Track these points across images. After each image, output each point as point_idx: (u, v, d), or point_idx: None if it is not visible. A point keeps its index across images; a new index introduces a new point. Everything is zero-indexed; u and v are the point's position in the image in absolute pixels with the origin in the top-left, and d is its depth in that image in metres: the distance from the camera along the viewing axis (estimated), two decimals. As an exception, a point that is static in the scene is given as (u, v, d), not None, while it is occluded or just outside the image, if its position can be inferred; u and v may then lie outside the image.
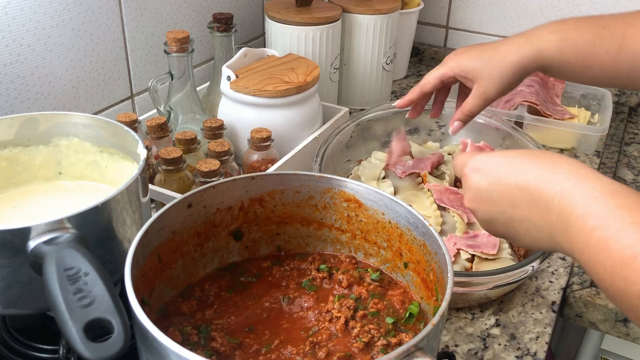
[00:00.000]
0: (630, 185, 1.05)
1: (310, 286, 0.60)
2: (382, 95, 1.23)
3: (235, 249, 0.63)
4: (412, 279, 0.59)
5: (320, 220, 0.64)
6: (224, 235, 0.61)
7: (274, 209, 0.62)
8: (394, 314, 0.57)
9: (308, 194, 0.62)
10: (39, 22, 0.82)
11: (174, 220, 0.55)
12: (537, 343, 0.70)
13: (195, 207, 0.57)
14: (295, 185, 0.61)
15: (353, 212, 0.62)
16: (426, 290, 0.57)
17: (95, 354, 0.41)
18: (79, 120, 0.69)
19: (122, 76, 0.98)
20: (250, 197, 0.61)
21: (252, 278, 0.61)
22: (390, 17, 1.16)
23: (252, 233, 0.63)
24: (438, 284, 0.53)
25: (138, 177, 0.59)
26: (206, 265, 0.61)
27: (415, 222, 0.56)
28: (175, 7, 1.05)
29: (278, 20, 1.07)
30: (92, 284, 0.46)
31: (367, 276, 0.61)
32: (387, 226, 0.60)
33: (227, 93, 0.93)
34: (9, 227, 0.50)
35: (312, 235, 0.65)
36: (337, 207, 0.62)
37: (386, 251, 0.62)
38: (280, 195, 0.61)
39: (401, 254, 0.60)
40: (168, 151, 0.79)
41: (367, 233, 0.62)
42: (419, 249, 0.57)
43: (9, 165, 0.69)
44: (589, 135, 1.10)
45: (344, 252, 0.65)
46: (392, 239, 0.60)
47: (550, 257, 0.80)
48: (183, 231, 0.57)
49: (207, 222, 0.59)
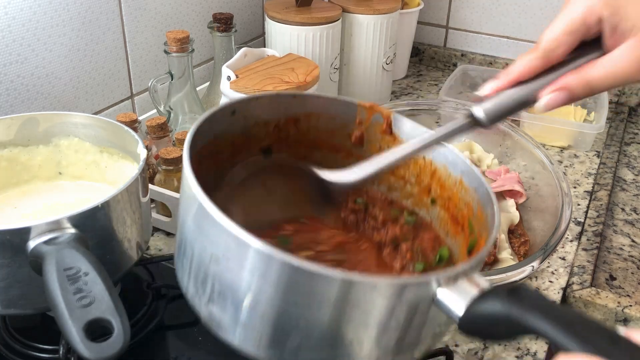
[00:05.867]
0: (630, 185, 1.05)
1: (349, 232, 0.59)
2: (382, 95, 1.23)
3: (263, 164, 0.61)
4: (438, 214, 0.59)
5: (350, 149, 0.62)
6: (254, 151, 0.60)
7: (307, 131, 0.61)
8: (424, 258, 0.57)
9: (343, 121, 0.60)
10: (39, 22, 0.82)
11: (218, 124, 0.54)
12: (537, 343, 0.70)
13: (237, 115, 0.56)
14: (333, 112, 0.60)
15: (386, 145, 0.60)
16: (454, 225, 0.56)
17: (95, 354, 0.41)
18: (79, 120, 0.69)
19: (122, 76, 0.98)
20: (287, 116, 0.59)
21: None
22: (390, 17, 1.16)
23: (281, 153, 0.61)
24: (475, 218, 0.53)
25: (138, 177, 0.59)
26: (234, 177, 0.59)
27: (454, 160, 0.56)
28: (175, 7, 1.05)
29: (278, 20, 1.07)
30: (92, 284, 0.46)
31: (401, 218, 0.60)
32: (419, 162, 0.59)
33: (227, 93, 0.93)
34: (9, 227, 0.50)
35: (338, 163, 0.62)
36: (371, 139, 0.61)
37: (413, 186, 0.61)
38: (317, 118, 0.60)
39: (429, 190, 0.59)
40: (168, 151, 0.79)
41: (396, 167, 0.61)
42: (453, 186, 0.56)
43: (9, 165, 0.69)
44: (585, 133, 1.11)
45: (367, 183, 0.63)
46: (422, 175, 0.59)
47: (550, 257, 0.80)
48: (222, 138, 0.56)
49: (244, 134, 0.58)
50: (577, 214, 0.94)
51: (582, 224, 0.92)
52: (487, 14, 1.41)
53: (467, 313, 0.40)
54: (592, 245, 0.88)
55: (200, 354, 0.64)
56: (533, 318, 0.37)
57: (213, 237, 0.42)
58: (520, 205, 0.86)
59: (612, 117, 1.27)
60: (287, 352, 0.43)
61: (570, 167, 1.08)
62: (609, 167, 1.08)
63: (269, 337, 0.43)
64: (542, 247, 0.70)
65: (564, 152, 1.13)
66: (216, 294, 0.43)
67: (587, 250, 0.86)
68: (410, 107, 0.98)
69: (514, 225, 0.82)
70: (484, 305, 0.40)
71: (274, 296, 0.40)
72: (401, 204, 0.63)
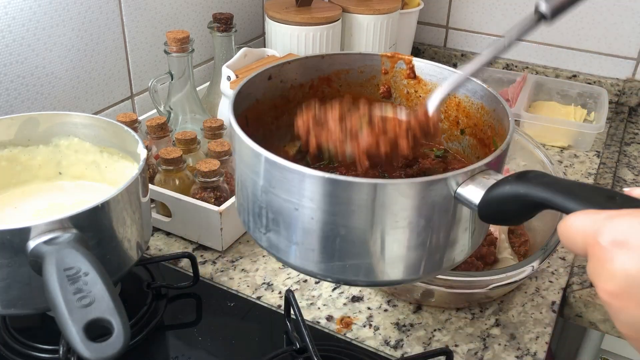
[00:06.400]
0: (630, 185, 1.05)
1: (382, 173, 0.61)
2: (382, 95, 1.23)
3: None
4: (469, 142, 0.63)
5: (381, 99, 0.67)
6: (296, 112, 0.62)
7: (339, 88, 0.65)
8: None
9: (371, 73, 0.65)
10: (39, 22, 0.82)
11: (257, 89, 0.59)
12: (537, 343, 0.70)
13: (274, 79, 0.61)
14: (360, 65, 0.65)
15: (412, 89, 0.65)
16: (483, 148, 0.60)
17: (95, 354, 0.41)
18: (79, 120, 0.69)
19: (122, 76, 0.98)
20: (320, 76, 0.64)
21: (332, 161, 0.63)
22: (390, 17, 1.16)
23: None
24: (497, 136, 0.57)
25: (138, 177, 0.59)
26: (280, 139, 0.63)
27: (473, 88, 0.60)
28: (175, 7, 1.05)
29: (278, 20, 1.07)
30: (92, 284, 0.46)
31: (431, 154, 0.64)
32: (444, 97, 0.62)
33: (227, 93, 0.93)
34: (9, 227, 0.50)
35: None
36: (397, 85, 0.65)
37: (443, 122, 0.64)
38: (346, 74, 0.65)
39: (458, 122, 0.63)
40: (168, 151, 0.79)
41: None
42: (476, 112, 0.60)
43: (9, 165, 0.69)
44: (585, 133, 1.11)
45: None
46: (449, 109, 0.63)
47: (551, 257, 0.80)
48: (264, 101, 0.60)
49: (283, 97, 0.62)
50: (577, 214, 0.94)
51: (582, 224, 0.92)
52: (487, 14, 1.41)
53: (482, 200, 0.44)
54: (592, 245, 0.87)
55: (200, 354, 0.64)
56: (537, 191, 0.41)
57: (259, 170, 0.47)
58: (520, 205, 0.86)
59: (612, 117, 1.27)
60: (336, 262, 0.48)
61: (570, 167, 1.08)
62: (609, 167, 1.08)
63: (319, 251, 0.48)
64: (542, 247, 0.70)
65: (564, 152, 1.13)
66: (270, 221, 0.49)
67: (587, 250, 0.86)
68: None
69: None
70: (497, 190, 0.43)
71: (317, 210, 0.45)
72: (434, 143, 0.67)
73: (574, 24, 1.32)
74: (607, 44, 1.31)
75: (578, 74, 1.35)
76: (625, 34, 1.28)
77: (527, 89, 1.20)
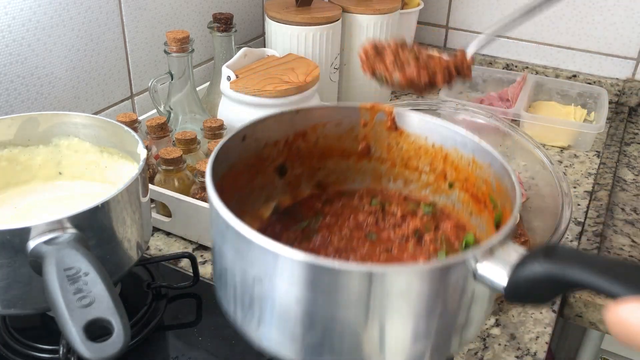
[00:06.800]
0: (630, 185, 1.05)
1: (370, 234, 0.60)
2: (382, 95, 1.23)
3: (280, 185, 0.63)
4: (459, 196, 0.60)
5: (360, 153, 0.64)
6: (270, 172, 0.61)
7: (315, 142, 0.63)
8: (448, 247, 0.57)
9: (349, 125, 0.62)
10: (39, 22, 0.82)
11: (232, 152, 0.56)
12: (537, 343, 0.70)
13: (248, 140, 0.58)
14: (337, 118, 0.62)
15: (394, 141, 0.62)
16: (477, 204, 0.58)
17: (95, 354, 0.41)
18: (79, 120, 0.69)
19: (122, 76, 0.98)
20: (295, 131, 0.61)
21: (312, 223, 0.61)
22: (390, 17, 1.16)
23: (295, 169, 0.63)
24: (495, 193, 0.54)
25: (138, 177, 0.59)
26: (254, 202, 0.61)
27: (462, 141, 0.57)
28: (175, 7, 1.05)
29: (278, 20, 1.07)
30: (92, 284, 0.46)
31: (419, 210, 0.62)
32: (430, 150, 0.60)
33: (227, 93, 0.93)
34: (9, 227, 0.50)
35: (351, 168, 0.65)
36: (378, 137, 0.63)
37: (428, 175, 0.62)
38: (323, 128, 0.62)
39: (445, 175, 0.61)
40: (168, 151, 0.79)
41: (408, 160, 0.63)
42: (467, 166, 0.58)
43: (9, 165, 0.69)
44: (585, 133, 1.11)
45: (383, 182, 0.65)
46: (435, 162, 0.61)
47: (550, 257, 0.80)
48: (238, 164, 0.57)
49: (257, 156, 0.60)
50: (577, 214, 0.94)
51: (582, 224, 0.92)
52: (487, 14, 1.41)
53: (510, 282, 0.40)
54: (592, 245, 0.88)
55: (200, 354, 0.64)
56: (573, 272, 0.37)
57: (252, 259, 0.43)
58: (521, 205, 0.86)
59: (612, 117, 1.27)
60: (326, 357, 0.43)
61: (570, 167, 1.08)
62: (609, 167, 1.08)
63: (321, 344, 0.43)
64: (542, 247, 0.70)
65: (564, 152, 1.13)
66: (264, 313, 0.44)
67: (587, 250, 0.86)
68: (410, 107, 0.98)
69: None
70: (524, 270, 0.40)
71: (317, 301, 0.41)
72: (419, 196, 0.64)
73: (574, 24, 1.32)
74: (607, 44, 1.31)
75: (578, 74, 1.35)
76: (625, 34, 1.28)
77: (527, 89, 1.20)
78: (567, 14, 1.32)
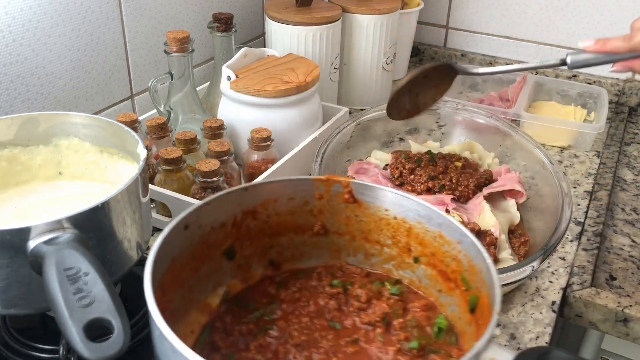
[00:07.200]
0: (630, 185, 1.05)
1: (333, 321, 0.55)
2: (382, 95, 1.23)
3: (228, 269, 0.58)
4: (425, 272, 0.56)
5: (315, 226, 0.60)
6: (217, 256, 0.57)
7: (267, 219, 0.58)
8: (420, 332, 0.53)
9: (303, 199, 0.58)
10: (39, 22, 0.82)
11: (173, 246, 0.51)
12: (537, 343, 0.70)
13: (191, 227, 0.53)
14: (289, 192, 0.58)
15: (352, 213, 0.58)
16: (446, 282, 0.54)
17: (95, 354, 0.41)
18: (79, 120, 0.69)
19: (122, 76, 0.98)
20: (243, 210, 0.56)
21: (267, 313, 0.56)
22: (390, 17, 1.16)
23: (245, 249, 0.58)
24: (467, 272, 0.50)
25: (138, 177, 0.59)
26: (200, 292, 0.56)
27: (427, 214, 0.53)
28: (175, 7, 1.05)
29: (278, 20, 1.07)
30: (92, 284, 0.46)
31: (384, 290, 0.58)
32: (391, 222, 0.57)
33: (227, 93, 0.93)
34: (9, 227, 0.50)
35: (307, 243, 0.61)
36: (335, 210, 0.59)
37: (391, 248, 0.58)
38: (274, 204, 0.58)
39: (410, 249, 0.57)
40: (168, 151, 0.79)
41: (368, 233, 0.59)
42: (433, 241, 0.54)
43: (9, 165, 0.69)
44: (585, 133, 1.11)
45: (342, 257, 0.61)
46: (398, 235, 0.57)
47: (550, 257, 0.80)
48: (181, 257, 0.52)
49: (202, 244, 0.54)
50: (577, 214, 0.94)
51: (582, 224, 0.92)
52: (487, 14, 1.41)
53: None
54: (592, 245, 0.88)
55: (200, 354, 0.64)
56: None
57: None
58: (521, 205, 0.86)
59: (612, 117, 1.27)
60: None
61: (570, 167, 1.08)
62: (609, 167, 1.08)
63: None
64: (542, 247, 0.70)
65: (564, 152, 1.13)
66: None
67: (587, 250, 0.86)
68: (410, 107, 0.98)
69: (514, 225, 0.82)
70: None
71: None
72: (382, 270, 0.60)
73: (574, 24, 1.32)
74: (607, 44, 1.31)
75: (578, 74, 1.35)
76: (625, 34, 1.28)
77: (527, 89, 1.20)
78: (567, 14, 1.32)
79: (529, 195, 0.87)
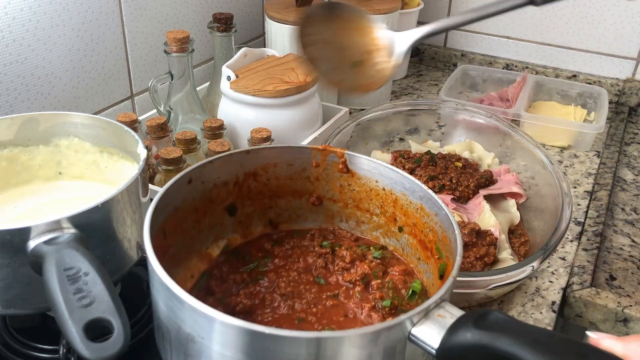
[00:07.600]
0: (630, 185, 1.05)
1: (319, 277, 0.60)
2: (382, 95, 1.23)
3: (230, 224, 0.63)
4: (408, 241, 0.61)
5: (312, 191, 0.65)
6: (219, 211, 0.62)
7: (267, 182, 0.63)
8: (395, 293, 0.58)
9: (301, 166, 0.63)
10: (39, 22, 0.82)
11: (176, 197, 0.56)
12: (537, 343, 0.70)
13: (194, 182, 0.57)
14: (289, 158, 0.62)
15: (346, 182, 0.63)
16: (424, 251, 0.59)
17: (95, 354, 0.41)
18: (79, 120, 0.69)
19: (122, 76, 0.98)
20: (245, 172, 0.61)
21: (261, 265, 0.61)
22: (390, 17, 1.16)
23: (246, 208, 0.64)
24: (440, 242, 0.55)
25: (138, 177, 0.59)
26: (202, 242, 0.61)
27: (411, 187, 0.58)
28: (175, 7, 1.05)
29: (278, 20, 1.07)
30: (92, 284, 0.46)
31: (369, 254, 0.62)
32: (380, 193, 0.62)
33: (227, 93, 0.93)
34: (9, 227, 0.50)
35: (303, 207, 0.66)
36: (330, 179, 0.64)
37: (379, 217, 0.63)
38: (274, 168, 0.63)
39: (395, 219, 0.62)
40: (168, 151, 0.79)
41: (359, 201, 0.64)
42: (415, 212, 0.59)
43: (9, 165, 0.69)
44: (585, 133, 1.11)
45: (335, 222, 0.66)
46: (385, 205, 0.62)
47: (550, 257, 0.80)
48: (184, 207, 0.57)
49: (205, 198, 0.59)
50: (577, 214, 0.94)
51: (582, 224, 0.92)
52: (487, 14, 1.41)
53: (442, 345, 0.40)
54: (592, 245, 0.88)
55: (200, 354, 0.64)
56: (502, 342, 0.38)
57: (185, 318, 0.42)
58: (521, 205, 0.86)
59: (612, 117, 1.27)
60: None
61: (570, 167, 1.08)
62: (609, 167, 1.08)
63: None
64: (542, 247, 0.70)
65: (564, 152, 1.13)
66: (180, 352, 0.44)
67: (587, 250, 0.86)
68: (410, 107, 0.98)
69: (514, 225, 0.82)
70: (456, 336, 0.40)
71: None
72: (370, 237, 0.65)
73: (574, 24, 1.32)
74: (607, 44, 1.31)
75: (578, 74, 1.35)
76: (625, 34, 1.28)
77: (527, 89, 1.20)
78: (567, 14, 1.32)
79: (529, 195, 0.87)
